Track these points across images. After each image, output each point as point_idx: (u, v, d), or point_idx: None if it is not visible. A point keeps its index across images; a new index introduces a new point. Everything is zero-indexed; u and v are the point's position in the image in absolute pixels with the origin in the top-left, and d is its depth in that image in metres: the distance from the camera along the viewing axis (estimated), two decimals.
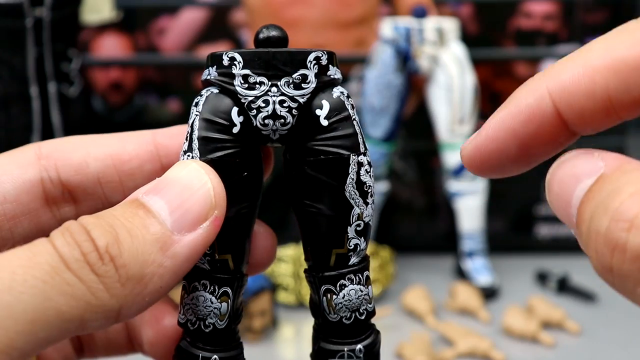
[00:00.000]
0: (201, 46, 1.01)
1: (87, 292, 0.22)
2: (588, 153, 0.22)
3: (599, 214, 0.20)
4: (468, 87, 0.89)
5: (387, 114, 0.90)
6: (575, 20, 0.95)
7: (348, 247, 0.27)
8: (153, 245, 0.23)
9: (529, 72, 0.97)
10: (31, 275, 0.21)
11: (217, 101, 0.27)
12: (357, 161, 0.27)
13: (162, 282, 0.24)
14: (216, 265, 0.27)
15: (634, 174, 0.20)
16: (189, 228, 0.24)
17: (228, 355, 0.28)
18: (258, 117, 0.27)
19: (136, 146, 0.29)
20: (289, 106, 0.27)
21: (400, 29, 0.89)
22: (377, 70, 0.90)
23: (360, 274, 0.28)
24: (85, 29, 1.00)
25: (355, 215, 0.27)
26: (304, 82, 0.27)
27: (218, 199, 0.25)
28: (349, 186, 0.27)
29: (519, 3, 0.96)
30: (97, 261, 0.22)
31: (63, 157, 0.29)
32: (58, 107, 0.80)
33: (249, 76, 0.27)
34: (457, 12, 0.96)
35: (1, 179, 0.27)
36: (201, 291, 0.27)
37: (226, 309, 0.27)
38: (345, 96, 0.28)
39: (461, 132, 0.90)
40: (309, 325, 0.30)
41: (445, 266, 1.01)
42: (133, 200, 0.24)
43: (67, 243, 0.22)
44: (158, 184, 0.25)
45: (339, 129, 0.27)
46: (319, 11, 0.96)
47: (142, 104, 1.03)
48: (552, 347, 0.79)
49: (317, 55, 0.27)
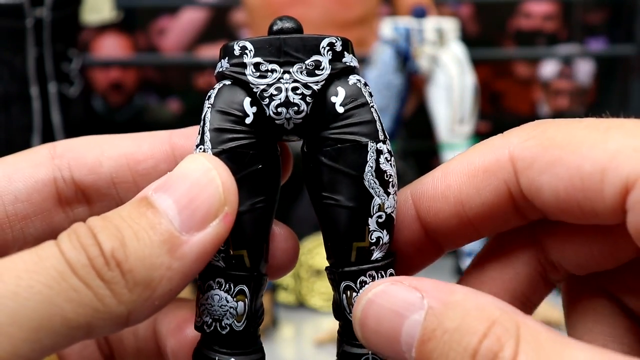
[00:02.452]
0: (201, 46, 1.01)
1: (94, 298, 0.21)
2: (396, 283, 0.22)
3: (455, 354, 0.20)
4: (468, 87, 0.89)
5: (387, 114, 0.90)
6: (574, 20, 0.95)
7: (370, 241, 0.26)
8: (160, 247, 0.23)
9: (529, 72, 0.97)
10: (37, 280, 0.20)
11: (229, 93, 0.26)
12: (376, 148, 0.26)
13: (172, 285, 0.23)
14: (231, 262, 0.26)
15: (467, 306, 0.20)
16: (198, 227, 0.23)
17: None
18: (271, 106, 0.26)
19: (151, 146, 0.28)
20: (302, 93, 0.26)
21: (400, 29, 0.89)
22: (377, 70, 0.90)
23: (383, 271, 0.26)
24: (86, 29, 1.00)
25: (376, 206, 0.26)
26: (318, 69, 0.26)
27: (227, 194, 0.24)
28: (367, 175, 0.26)
29: (519, 3, 0.96)
30: (103, 266, 0.21)
31: (77, 157, 0.28)
32: (58, 107, 0.80)
33: (261, 64, 0.26)
34: (457, 12, 0.96)
35: (13, 177, 0.27)
36: (216, 290, 0.26)
37: (243, 308, 0.26)
38: (363, 83, 0.27)
39: (461, 132, 0.90)
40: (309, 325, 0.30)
41: (445, 266, 1.01)
42: (142, 198, 0.24)
43: (73, 247, 0.21)
44: (167, 181, 0.24)
45: (356, 115, 0.26)
46: (319, 11, 0.96)
47: (142, 104, 1.03)
48: None
49: (330, 41, 0.26)
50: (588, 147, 0.21)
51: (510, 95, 0.97)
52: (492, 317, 0.20)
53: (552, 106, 0.97)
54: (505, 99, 0.97)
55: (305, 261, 0.87)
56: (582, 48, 0.95)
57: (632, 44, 0.96)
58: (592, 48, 0.96)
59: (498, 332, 0.19)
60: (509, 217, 0.24)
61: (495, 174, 0.23)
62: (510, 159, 0.23)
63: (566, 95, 0.98)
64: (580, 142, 0.22)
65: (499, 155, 0.23)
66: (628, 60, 0.97)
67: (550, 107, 0.97)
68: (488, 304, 0.20)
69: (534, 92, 0.96)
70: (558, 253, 0.25)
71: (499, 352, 0.19)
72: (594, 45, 0.95)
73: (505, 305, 0.20)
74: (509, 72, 0.97)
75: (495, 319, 0.20)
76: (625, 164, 0.20)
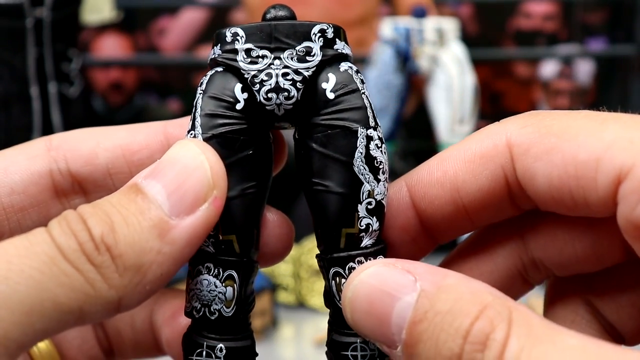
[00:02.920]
0: (201, 46, 1.01)
1: (85, 283, 0.21)
2: (388, 265, 0.22)
3: (446, 335, 0.20)
4: (468, 87, 0.89)
5: (387, 114, 0.90)
6: (574, 20, 0.95)
7: (359, 227, 0.26)
8: (150, 232, 0.23)
9: (529, 72, 0.97)
10: (28, 265, 0.20)
11: (221, 79, 0.26)
12: (366, 135, 0.26)
13: (162, 270, 0.23)
14: (220, 247, 0.26)
15: (460, 289, 0.20)
16: (188, 211, 0.23)
17: (236, 346, 0.26)
18: (261, 92, 0.26)
19: (146, 136, 0.29)
20: (292, 79, 0.26)
21: (400, 29, 0.89)
22: (377, 70, 0.90)
23: (372, 258, 0.26)
24: (86, 29, 1.00)
25: (366, 192, 0.26)
26: (309, 55, 0.26)
27: (216, 178, 0.24)
28: (357, 161, 0.26)
29: (518, 3, 0.96)
30: (93, 251, 0.21)
31: (72, 149, 0.28)
32: (58, 107, 0.80)
33: (252, 50, 0.26)
34: (457, 12, 0.96)
35: (9, 169, 0.27)
36: (205, 274, 0.26)
37: (232, 294, 0.26)
38: (354, 70, 0.27)
39: (461, 132, 0.90)
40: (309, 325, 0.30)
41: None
42: (131, 185, 0.24)
43: (63, 232, 0.21)
44: (156, 167, 0.24)
45: (346, 101, 0.26)
46: (319, 11, 0.96)
47: (142, 104, 1.03)
48: None
49: (322, 28, 0.26)
50: (584, 136, 0.21)
51: (510, 95, 0.97)
52: (484, 301, 0.20)
53: (552, 106, 0.97)
54: (505, 99, 0.97)
55: (305, 261, 0.87)
56: (582, 48, 0.95)
57: (632, 44, 0.96)
58: (592, 48, 0.96)
59: (490, 314, 0.19)
60: (503, 206, 0.24)
61: (493, 160, 0.23)
62: (507, 144, 0.23)
63: (566, 95, 0.98)
64: (577, 131, 0.22)
65: (497, 141, 0.23)
66: (628, 60, 0.97)
67: (550, 107, 0.97)
68: (481, 289, 0.20)
69: (534, 92, 0.96)
70: (542, 250, 0.25)
71: (491, 333, 0.19)
72: (594, 45, 0.95)
73: (498, 292, 0.20)
74: (509, 72, 0.97)
75: (488, 303, 0.20)
76: (619, 155, 0.20)
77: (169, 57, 1.01)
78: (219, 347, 0.26)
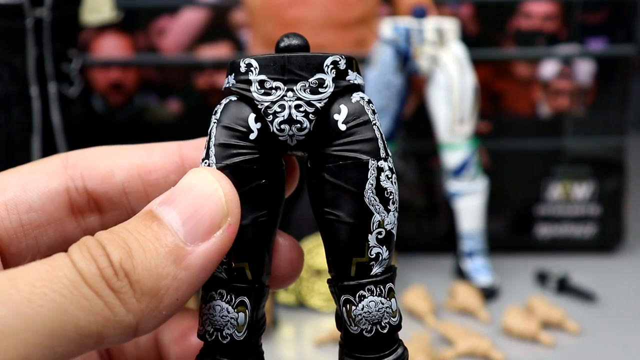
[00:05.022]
0: (201, 46, 1.01)
1: (105, 307, 0.22)
2: None
3: None
4: (468, 87, 0.89)
5: (387, 114, 0.90)
6: (574, 20, 0.95)
7: (369, 256, 0.26)
8: (166, 258, 0.23)
9: (529, 72, 0.97)
10: (50, 288, 0.21)
11: (235, 108, 0.27)
12: (377, 166, 0.26)
13: (178, 295, 0.23)
14: (233, 274, 0.26)
15: None
16: (203, 237, 0.24)
17: None
18: (274, 123, 0.26)
19: (162, 157, 0.29)
20: (305, 111, 0.26)
21: (400, 29, 0.89)
22: (377, 70, 0.90)
23: (382, 285, 0.27)
24: (86, 29, 1.00)
25: (376, 223, 0.26)
26: (321, 87, 0.26)
27: (230, 205, 0.25)
28: (368, 192, 0.26)
29: (519, 3, 0.96)
30: (112, 276, 0.22)
31: (89, 166, 0.29)
32: (58, 108, 0.80)
33: (265, 81, 0.26)
34: (457, 12, 0.96)
35: (27, 187, 0.27)
36: (218, 300, 0.26)
37: (244, 319, 0.26)
38: (366, 101, 0.27)
39: (461, 132, 0.90)
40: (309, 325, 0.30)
41: (445, 266, 1.01)
42: (147, 212, 0.24)
43: (84, 258, 0.22)
44: (171, 194, 0.25)
45: (358, 133, 0.27)
46: (319, 11, 0.96)
47: (142, 104, 1.03)
48: (552, 347, 0.79)
49: (334, 60, 0.27)
50: None
51: (510, 95, 0.97)
52: None
53: (552, 106, 0.97)
54: (505, 99, 0.97)
55: (305, 261, 0.87)
56: (582, 48, 0.95)
57: (632, 44, 0.96)
58: (592, 48, 0.96)
59: None
60: None
61: None
62: None
63: (566, 95, 0.98)
64: None
65: None
66: (628, 60, 0.97)
67: (550, 107, 0.97)
68: None
69: (534, 92, 0.96)
70: None
71: None
72: (594, 45, 0.95)
73: None
74: (509, 72, 0.97)
75: None
76: None
77: (169, 57, 1.01)
78: None
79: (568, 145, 1.00)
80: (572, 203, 1.04)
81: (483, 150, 0.99)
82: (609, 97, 0.98)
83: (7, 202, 0.27)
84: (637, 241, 1.08)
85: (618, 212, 1.04)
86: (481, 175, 0.94)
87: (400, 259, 1.01)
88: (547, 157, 1.01)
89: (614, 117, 0.99)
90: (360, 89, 0.28)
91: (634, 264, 1.02)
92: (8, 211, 0.27)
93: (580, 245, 1.05)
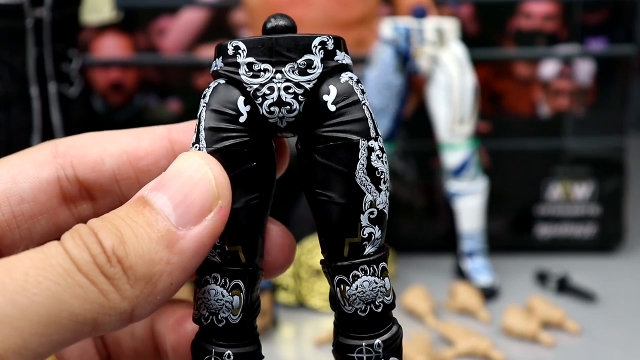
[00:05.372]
0: (201, 46, 1.01)
1: (99, 294, 0.22)
2: None
3: None
4: (468, 87, 0.89)
5: (387, 114, 0.90)
6: (574, 20, 0.95)
7: (362, 236, 0.27)
8: (159, 243, 0.23)
9: (529, 72, 0.97)
10: (44, 277, 0.21)
11: (224, 92, 0.27)
12: (367, 146, 0.26)
13: (172, 279, 0.23)
14: (226, 258, 0.26)
15: None
16: (194, 221, 0.24)
17: (243, 351, 0.27)
18: (264, 105, 0.26)
19: (151, 142, 0.29)
20: (294, 92, 0.26)
21: (400, 29, 0.89)
22: (377, 70, 0.90)
23: (375, 265, 0.27)
24: (86, 29, 1.00)
25: (368, 203, 0.26)
26: (310, 68, 0.26)
27: (221, 188, 0.25)
28: (359, 172, 0.26)
29: (519, 3, 0.96)
30: (105, 263, 0.22)
31: (79, 155, 0.29)
32: (58, 108, 0.80)
33: (253, 64, 0.26)
34: (457, 12, 0.96)
35: (18, 178, 0.27)
36: (212, 284, 0.26)
37: (238, 302, 0.27)
38: (355, 81, 0.27)
39: (461, 132, 0.90)
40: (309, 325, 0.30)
41: (445, 266, 1.01)
42: (138, 198, 0.24)
43: (76, 245, 0.22)
44: (161, 180, 0.25)
45: (347, 113, 0.26)
46: (319, 11, 0.96)
47: (142, 104, 1.03)
48: (552, 347, 0.79)
49: (322, 40, 0.27)
50: None
51: (510, 95, 0.97)
52: None
53: (552, 106, 0.97)
54: (505, 99, 0.97)
55: (305, 261, 0.87)
56: (582, 48, 0.95)
57: (632, 44, 0.96)
58: (592, 48, 0.96)
59: None
60: None
61: None
62: None
63: (566, 95, 0.98)
64: None
65: None
66: (628, 60, 0.97)
67: (550, 107, 0.97)
68: None
69: (534, 92, 0.96)
70: None
71: None
72: (594, 45, 0.95)
73: None
74: (509, 72, 0.97)
75: None
76: None
77: (169, 57, 1.01)
78: (227, 353, 0.27)
79: (568, 145, 1.00)
80: (572, 203, 1.04)
81: (483, 150, 0.99)
82: (609, 97, 0.98)
83: None
84: (637, 241, 1.08)
85: (618, 212, 1.04)
86: (481, 175, 0.94)
87: (400, 259, 1.01)
88: (547, 157, 1.01)
89: (614, 117, 0.99)
90: (349, 69, 0.28)
91: (634, 264, 1.02)
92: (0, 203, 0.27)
93: (580, 245, 1.05)
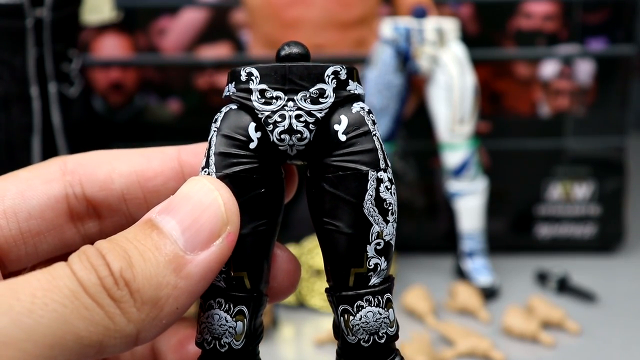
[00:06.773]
0: (201, 46, 1.01)
1: (105, 317, 0.22)
2: None
3: None
4: (468, 87, 0.89)
5: (387, 114, 0.90)
6: (574, 20, 0.95)
7: (367, 267, 0.27)
8: (166, 267, 0.23)
9: (529, 72, 0.97)
10: (51, 299, 0.21)
11: (235, 117, 0.27)
12: (377, 177, 0.26)
13: (178, 304, 0.23)
14: (232, 283, 0.26)
15: None
16: (202, 246, 0.24)
17: None
18: (275, 132, 0.26)
19: (161, 163, 0.29)
20: (305, 121, 0.26)
21: (400, 29, 0.89)
22: (377, 70, 0.90)
23: (380, 295, 0.27)
24: (86, 29, 1.00)
25: (375, 234, 0.26)
26: (322, 97, 0.26)
27: (230, 214, 0.25)
28: (367, 203, 0.26)
29: (519, 3, 0.96)
30: (112, 286, 0.22)
31: (88, 173, 0.29)
32: (58, 108, 0.80)
33: (266, 91, 0.26)
34: (457, 12, 0.96)
35: (26, 194, 0.27)
36: (216, 309, 0.26)
37: (242, 328, 0.26)
38: (366, 111, 0.27)
39: (461, 132, 0.90)
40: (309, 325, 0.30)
41: (445, 266, 1.01)
42: (146, 221, 0.24)
43: (84, 267, 0.22)
44: (170, 203, 0.25)
45: (358, 144, 0.27)
46: (319, 11, 0.96)
47: (142, 104, 1.03)
48: (552, 347, 0.79)
49: (335, 70, 0.27)
50: None
51: (510, 95, 0.97)
52: None
53: (552, 106, 0.97)
54: (505, 99, 0.97)
55: (305, 261, 0.87)
56: (582, 48, 0.95)
57: (632, 44, 0.96)
58: (592, 48, 0.96)
59: None
60: None
61: None
62: None
63: (566, 95, 0.98)
64: None
65: None
66: (628, 60, 0.97)
67: (550, 107, 0.97)
68: None
69: (534, 92, 0.96)
70: None
71: None
72: (594, 45, 0.95)
73: None
74: (509, 72, 0.97)
75: None
76: None
77: (169, 57, 1.01)
78: None
79: (568, 145, 1.00)
80: (572, 203, 1.04)
81: (483, 150, 0.99)
82: (609, 97, 0.98)
83: (6, 210, 0.27)
84: (637, 241, 1.08)
85: (618, 212, 1.04)
86: (481, 175, 0.94)
87: (400, 259, 1.01)
88: (547, 157, 1.01)
89: (614, 117, 0.99)
90: (361, 99, 0.28)
91: (634, 264, 1.02)
92: (7, 219, 0.27)
93: (580, 245, 1.05)
